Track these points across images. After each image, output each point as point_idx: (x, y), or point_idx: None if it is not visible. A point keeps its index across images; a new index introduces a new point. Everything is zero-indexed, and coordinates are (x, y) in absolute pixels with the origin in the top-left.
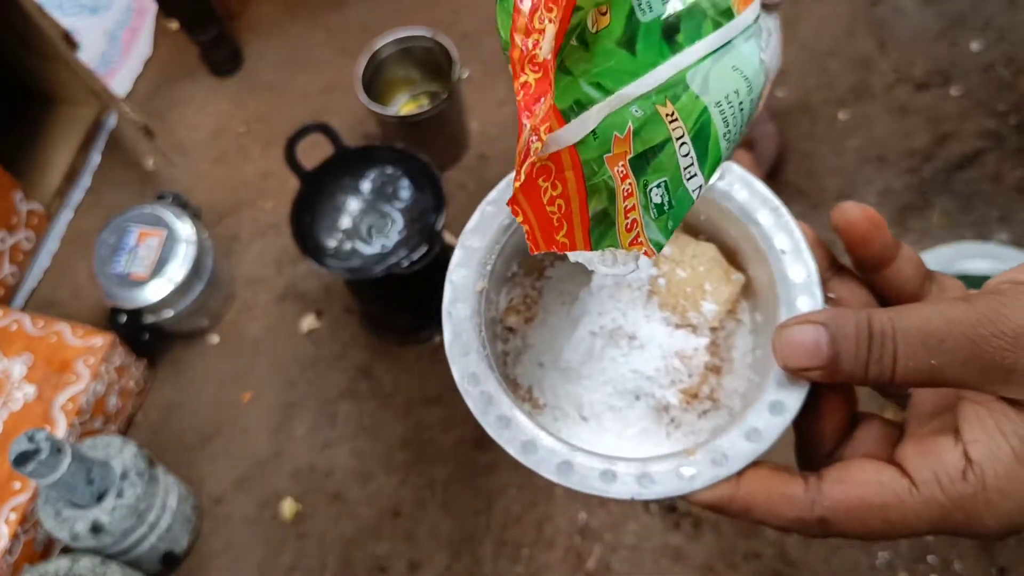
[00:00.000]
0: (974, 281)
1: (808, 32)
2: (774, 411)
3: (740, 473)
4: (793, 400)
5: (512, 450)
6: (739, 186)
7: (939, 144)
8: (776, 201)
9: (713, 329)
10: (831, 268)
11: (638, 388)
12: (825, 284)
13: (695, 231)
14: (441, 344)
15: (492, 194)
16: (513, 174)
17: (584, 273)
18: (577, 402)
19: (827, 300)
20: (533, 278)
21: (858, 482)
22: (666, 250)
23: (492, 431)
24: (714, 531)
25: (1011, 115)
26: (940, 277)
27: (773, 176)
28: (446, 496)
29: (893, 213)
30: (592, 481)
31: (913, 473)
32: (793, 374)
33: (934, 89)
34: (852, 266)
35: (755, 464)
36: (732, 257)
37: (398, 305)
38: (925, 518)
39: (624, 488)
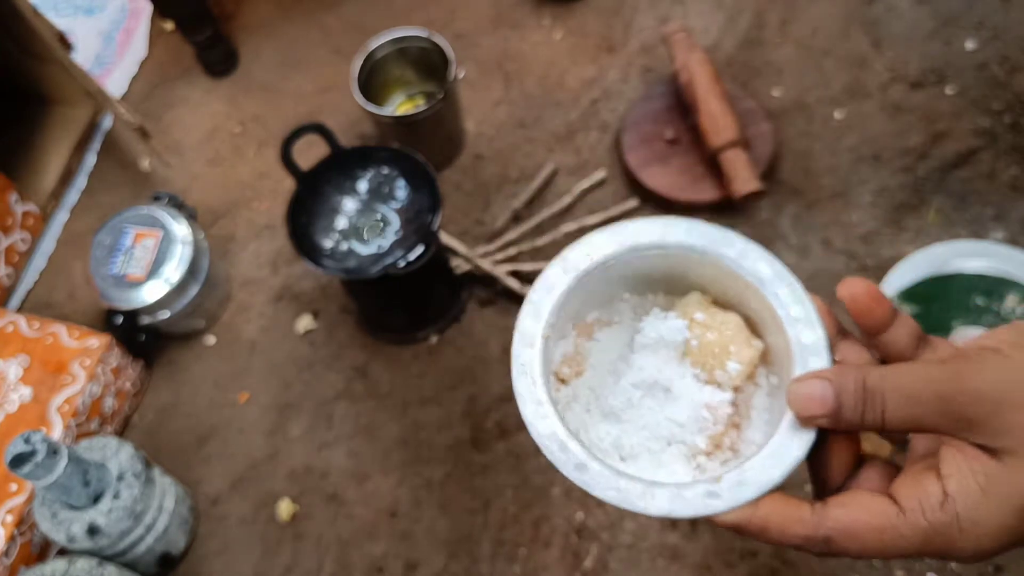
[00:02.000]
0: (970, 280)
1: (803, 31)
2: (788, 450)
3: (758, 499)
4: (804, 442)
5: (567, 470)
6: (763, 264)
7: (934, 143)
8: (791, 277)
9: (735, 389)
10: (838, 333)
11: (671, 434)
12: (833, 347)
13: (723, 303)
14: (437, 344)
15: (561, 260)
16: (580, 245)
17: (627, 336)
18: (618, 444)
19: (834, 360)
20: (584, 339)
21: (858, 506)
22: (699, 316)
23: (550, 454)
24: (711, 530)
25: (1005, 114)
26: (934, 340)
27: (769, 175)
28: (443, 496)
29: (888, 212)
30: (633, 499)
31: (902, 502)
32: (804, 422)
33: (929, 88)
34: (857, 331)
35: (771, 491)
36: (753, 326)
37: (395, 305)
38: (912, 540)
39: (660, 506)
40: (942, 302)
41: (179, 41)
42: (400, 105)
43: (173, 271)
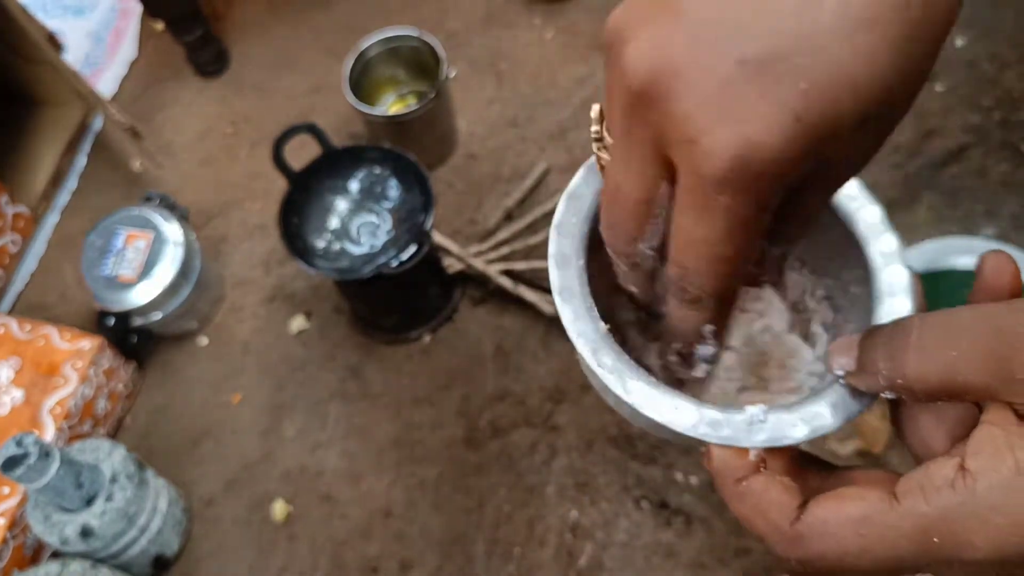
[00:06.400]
0: (962, 277)
1: None
2: (829, 410)
3: (764, 459)
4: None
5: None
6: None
7: (924, 140)
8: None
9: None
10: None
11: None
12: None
13: None
14: (430, 344)
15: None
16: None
17: None
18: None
19: None
20: None
21: (838, 495)
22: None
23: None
24: (705, 528)
25: (995, 110)
26: None
27: None
28: (437, 496)
29: None
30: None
31: (897, 488)
32: (832, 372)
33: None
34: None
35: (780, 458)
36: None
37: (387, 305)
38: (904, 531)
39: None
40: (933, 299)
41: (169, 41)
42: (392, 105)
43: (165, 272)
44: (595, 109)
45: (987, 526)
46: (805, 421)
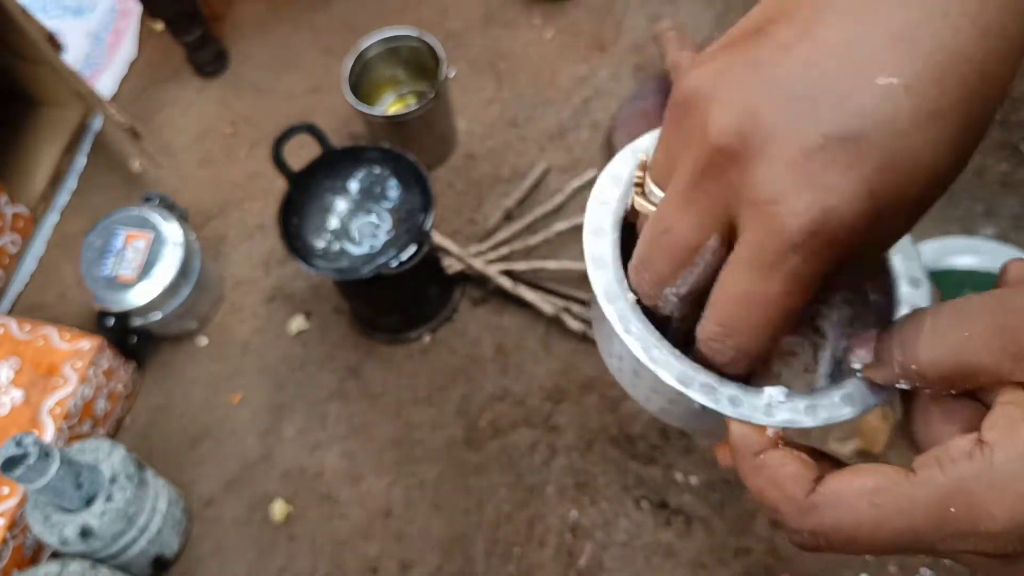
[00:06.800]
0: (961, 277)
1: None
2: (846, 401)
3: (781, 435)
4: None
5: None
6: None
7: None
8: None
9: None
10: None
11: None
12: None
13: None
14: (430, 344)
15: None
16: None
17: None
18: None
19: None
20: None
21: (854, 469)
22: None
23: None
24: (705, 528)
25: None
26: None
27: None
28: (437, 496)
29: None
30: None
31: (915, 463)
32: (851, 365)
33: None
34: None
35: (794, 439)
36: None
37: (387, 305)
38: (920, 502)
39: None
40: None
41: (169, 42)
42: (391, 105)
43: (164, 272)
44: (639, 157)
45: (1004, 495)
46: (823, 407)
